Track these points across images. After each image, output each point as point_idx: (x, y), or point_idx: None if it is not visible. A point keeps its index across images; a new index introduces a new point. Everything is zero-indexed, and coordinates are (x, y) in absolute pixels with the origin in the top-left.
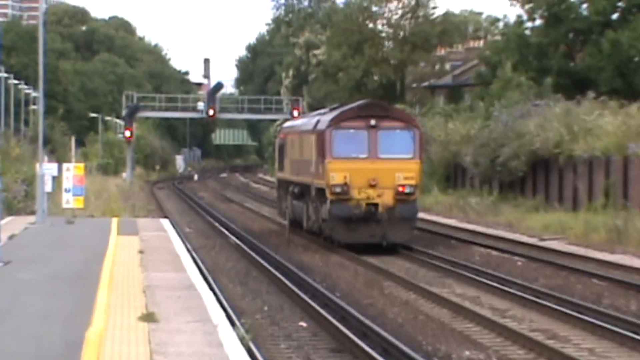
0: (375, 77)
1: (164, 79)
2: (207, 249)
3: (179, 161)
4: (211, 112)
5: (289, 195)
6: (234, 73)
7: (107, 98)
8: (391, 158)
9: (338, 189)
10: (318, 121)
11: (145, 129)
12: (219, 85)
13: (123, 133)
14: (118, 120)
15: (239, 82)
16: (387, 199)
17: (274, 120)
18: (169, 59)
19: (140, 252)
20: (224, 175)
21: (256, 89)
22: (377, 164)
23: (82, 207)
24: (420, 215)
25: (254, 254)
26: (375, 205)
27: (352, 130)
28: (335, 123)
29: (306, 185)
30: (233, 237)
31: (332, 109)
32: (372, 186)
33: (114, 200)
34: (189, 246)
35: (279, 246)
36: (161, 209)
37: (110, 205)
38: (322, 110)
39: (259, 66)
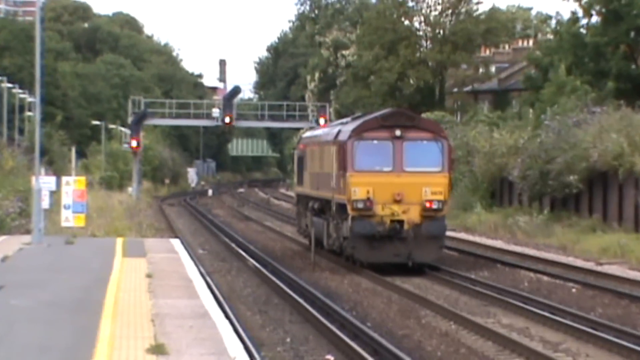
0: (412, 81)
1: (175, 83)
2: (223, 272)
3: (192, 174)
4: (227, 120)
5: (309, 212)
6: (253, 76)
7: (111, 104)
8: (418, 171)
9: (360, 205)
10: (339, 131)
11: (154, 139)
12: (237, 90)
13: (129, 143)
14: (123, 129)
15: (259, 86)
16: (413, 215)
17: (298, 129)
18: (181, 60)
19: (148, 276)
20: (241, 190)
21: (278, 94)
22: (402, 177)
23: (83, 225)
24: (462, 236)
25: (275, 279)
26: (401, 222)
27: (375, 141)
28: (357, 133)
29: (326, 201)
30: (251, 260)
31: (354, 118)
32: (397, 202)
33: (118, 218)
34: (202, 270)
35: (303, 269)
36: (171, 228)
37: (114, 224)
38: (344, 120)
39: (281, 68)
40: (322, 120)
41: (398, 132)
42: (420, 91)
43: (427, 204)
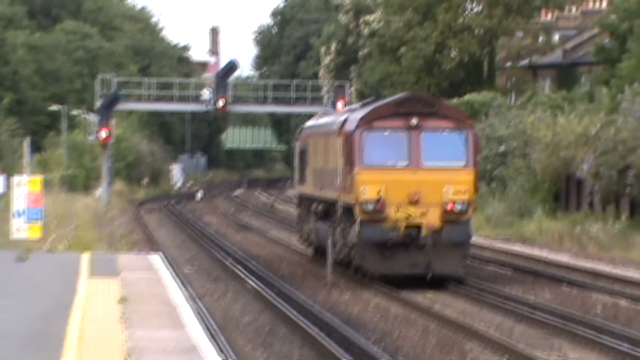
0: (453, 54)
1: (154, 57)
2: (216, 296)
3: (176, 173)
4: (221, 104)
5: (312, 216)
6: (252, 49)
7: (74, 84)
8: (438, 167)
9: (370, 207)
10: (346, 120)
11: (128, 128)
12: (232, 66)
13: (97, 133)
14: (89, 116)
15: (261, 62)
16: (432, 219)
17: (310, 115)
18: (161, 29)
19: (122, 300)
20: (238, 192)
21: (284, 71)
22: (419, 174)
23: (39, 237)
24: (518, 248)
25: (281, 304)
26: (418, 227)
27: (388, 132)
28: (366, 122)
29: (332, 203)
30: (252, 280)
31: (364, 104)
32: (414, 203)
33: (84, 227)
34: (190, 292)
35: (317, 291)
36: (151, 240)
37: (78, 235)
38: (353, 106)
39: (288, 39)
40: (339, 104)
41: (414, 121)
42: (464, 66)
43: (449, 206)
